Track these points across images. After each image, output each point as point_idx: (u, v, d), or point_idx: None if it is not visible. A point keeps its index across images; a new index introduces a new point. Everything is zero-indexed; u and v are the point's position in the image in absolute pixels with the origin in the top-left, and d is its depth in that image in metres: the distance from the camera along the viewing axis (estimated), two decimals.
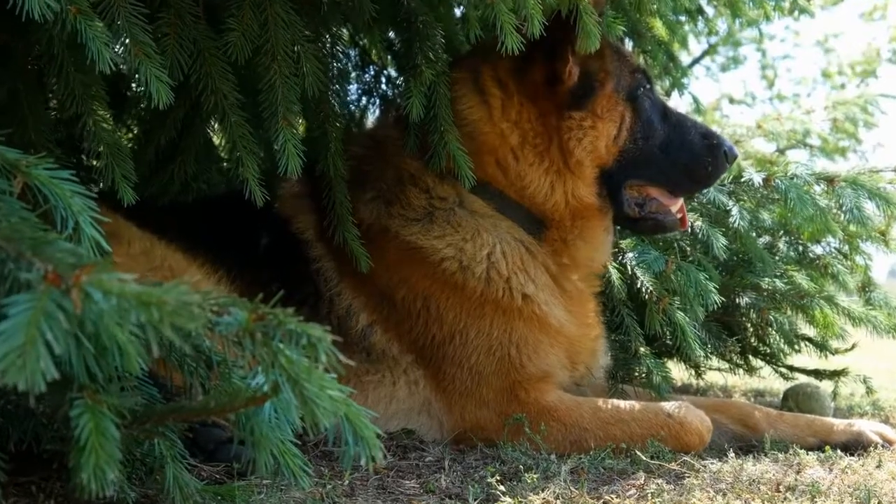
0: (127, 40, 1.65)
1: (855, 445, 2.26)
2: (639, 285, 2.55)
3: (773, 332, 3.03)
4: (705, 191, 2.69)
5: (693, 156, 2.39)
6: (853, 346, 3.16)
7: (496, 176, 2.33)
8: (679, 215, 2.43)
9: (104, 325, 0.93)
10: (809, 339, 3.15)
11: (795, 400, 2.90)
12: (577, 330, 2.39)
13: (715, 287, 2.48)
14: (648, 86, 2.45)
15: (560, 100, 2.32)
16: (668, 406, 2.17)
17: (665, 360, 2.74)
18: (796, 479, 1.85)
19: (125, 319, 0.94)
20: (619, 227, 2.66)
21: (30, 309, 0.92)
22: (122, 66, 1.67)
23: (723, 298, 2.58)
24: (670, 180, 2.41)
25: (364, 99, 3.37)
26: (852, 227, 2.81)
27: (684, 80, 3.51)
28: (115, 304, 0.93)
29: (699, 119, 3.07)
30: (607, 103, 2.34)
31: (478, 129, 2.32)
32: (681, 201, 2.44)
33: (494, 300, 2.25)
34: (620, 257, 2.68)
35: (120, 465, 1.06)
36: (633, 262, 2.60)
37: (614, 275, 2.61)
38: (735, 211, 2.67)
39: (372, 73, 3.37)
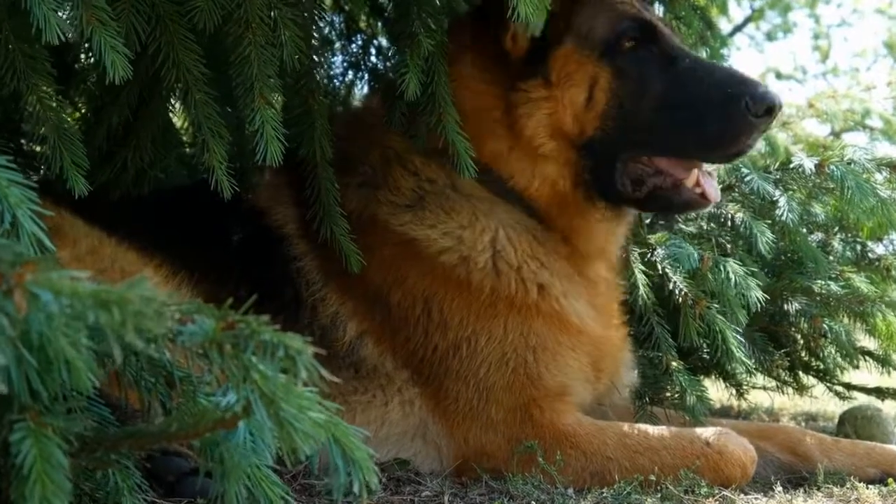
0: (79, 4, 1.64)
1: None
2: (671, 287, 2.53)
3: (828, 344, 3.03)
4: (749, 174, 2.68)
5: (698, 113, 2.21)
6: None
7: (492, 157, 2.33)
8: (698, 189, 2.29)
9: (51, 333, 0.93)
10: (869, 353, 3.15)
11: (853, 424, 2.90)
12: (602, 330, 2.39)
13: (757, 284, 2.45)
14: (640, 34, 2.30)
15: (514, 70, 2.31)
16: (706, 432, 2.17)
17: (701, 377, 2.73)
18: None
19: (79, 323, 0.93)
20: (645, 217, 2.65)
21: None
22: (69, 36, 1.66)
23: (768, 299, 2.55)
24: (676, 147, 2.28)
25: (350, 73, 3.38)
26: None
27: (723, 51, 3.51)
28: (67, 306, 0.93)
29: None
30: (565, 65, 2.29)
31: (464, 107, 2.29)
32: (696, 173, 2.29)
33: (508, 297, 2.25)
34: (649, 255, 2.65)
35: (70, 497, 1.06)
36: (663, 259, 2.58)
37: (639, 278, 2.58)
38: (783, 202, 2.66)
39: (360, 42, 3.37)
